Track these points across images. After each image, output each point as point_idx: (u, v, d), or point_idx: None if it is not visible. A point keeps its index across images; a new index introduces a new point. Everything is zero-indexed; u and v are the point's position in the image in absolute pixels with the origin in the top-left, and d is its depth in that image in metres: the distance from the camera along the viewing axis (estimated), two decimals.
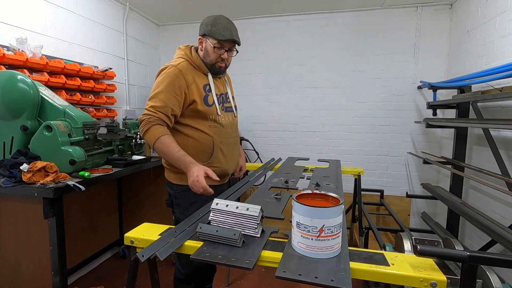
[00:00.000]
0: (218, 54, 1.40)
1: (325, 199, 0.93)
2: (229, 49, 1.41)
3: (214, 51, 1.39)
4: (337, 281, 0.69)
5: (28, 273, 1.67)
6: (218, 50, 1.39)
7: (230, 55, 1.45)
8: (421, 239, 1.30)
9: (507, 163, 1.99)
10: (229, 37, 1.35)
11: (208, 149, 1.45)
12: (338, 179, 1.79)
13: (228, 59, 1.46)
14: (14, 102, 1.64)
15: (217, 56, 1.41)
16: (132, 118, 2.93)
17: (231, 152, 1.55)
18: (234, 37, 1.37)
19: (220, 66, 1.45)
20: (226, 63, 1.47)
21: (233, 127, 1.57)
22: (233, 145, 1.56)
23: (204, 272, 1.55)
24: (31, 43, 2.09)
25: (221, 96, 1.53)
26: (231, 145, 1.55)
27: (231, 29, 1.37)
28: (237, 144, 1.62)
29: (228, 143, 1.52)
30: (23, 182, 1.52)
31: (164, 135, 1.31)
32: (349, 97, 3.31)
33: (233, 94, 1.67)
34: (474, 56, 2.51)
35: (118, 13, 3.08)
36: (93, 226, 2.46)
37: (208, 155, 1.46)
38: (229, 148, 1.53)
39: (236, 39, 1.39)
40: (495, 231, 1.68)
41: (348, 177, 2.58)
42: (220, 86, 1.54)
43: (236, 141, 1.60)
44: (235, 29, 1.40)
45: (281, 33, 3.43)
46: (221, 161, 1.49)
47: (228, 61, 1.47)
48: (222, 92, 1.55)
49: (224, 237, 0.89)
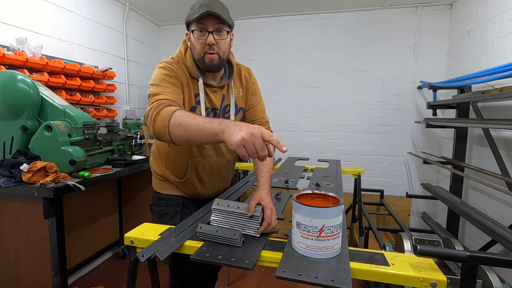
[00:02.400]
0: (202, 40, 1.08)
1: (325, 199, 0.93)
2: (214, 30, 1.07)
3: (196, 37, 1.08)
4: (337, 281, 0.69)
5: (28, 273, 1.67)
6: (200, 34, 1.07)
7: (218, 38, 1.08)
8: (421, 239, 1.30)
9: (507, 163, 1.99)
10: (204, 9, 1.02)
11: (183, 167, 1.25)
12: (338, 179, 1.79)
13: (219, 45, 1.09)
14: (14, 102, 1.64)
15: (202, 44, 1.08)
16: (132, 118, 2.93)
17: (211, 177, 1.30)
18: (212, 9, 1.02)
19: (211, 58, 1.09)
20: (218, 51, 1.09)
21: (221, 148, 1.27)
22: (215, 169, 1.29)
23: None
24: (31, 43, 2.09)
25: (214, 111, 1.21)
26: (212, 169, 1.28)
27: (209, 4, 1.04)
28: (222, 167, 1.33)
29: (207, 166, 1.26)
30: (23, 182, 1.52)
31: (177, 110, 0.95)
32: (349, 97, 3.31)
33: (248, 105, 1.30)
34: (474, 56, 2.51)
35: (118, 13, 3.08)
36: (93, 226, 2.46)
37: (182, 173, 1.26)
38: (208, 172, 1.28)
39: (216, 12, 1.03)
40: (495, 231, 1.68)
41: (348, 177, 2.58)
42: (215, 98, 1.21)
43: (221, 165, 1.31)
44: (217, 4, 1.07)
45: (281, 33, 3.43)
46: (195, 185, 1.28)
47: (220, 49, 1.09)
48: (217, 105, 1.21)
49: (224, 237, 0.88)
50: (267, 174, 1.16)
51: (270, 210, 0.99)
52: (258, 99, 1.34)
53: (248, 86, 1.30)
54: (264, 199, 1.02)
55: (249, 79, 1.31)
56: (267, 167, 1.18)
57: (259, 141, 0.75)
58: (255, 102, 1.32)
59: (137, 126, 2.72)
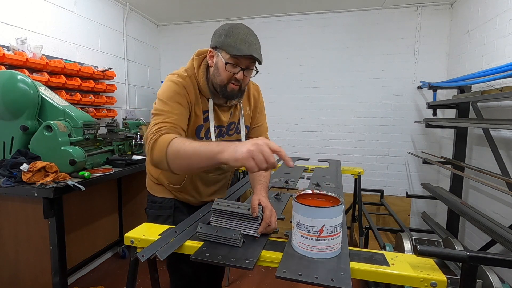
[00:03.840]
0: (231, 73, 1.06)
1: (325, 199, 0.93)
2: (246, 68, 1.07)
3: (226, 69, 1.05)
4: (337, 281, 0.69)
5: (28, 273, 1.67)
6: (232, 67, 1.05)
7: (247, 75, 1.09)
8: (421, 239, 1.30)
9: (507, 163, 1.99)
10: (246, 52, 1.00)
11: (180, 176, 1.23)
12: (338, 179, 1.79)
13: (244, 80, 1.10)
14: (14, 102, 1.64)
15: (230, 76, 1.06)
16: (132, 118, 2.93)
17: (207, 188, 1.31)
18: (253, 53, 1.01)
19: (233, 89, 1.09)
20: (242, 85, 1.10)
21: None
22: (212, 181, 1.30)
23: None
24: (31, 43, 2.09)
25: (221, 129, 1.22)
26: (210, 181, 1.29)
27: (250, 42, 1.03)
28: (220, 182, 1.34)
29: (204, 178, 1.27)
30: (23, 182, 1.52)
31: (174, 138, 0.94)
32: (349, 97, 3.31)
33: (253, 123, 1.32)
34: (474, 56, 2.51)
35: (118, 13, 3.08)
36: (93, 226, 2.46)
37: (179, 181, 1.25)
38: (205, 183, 1.29)
39: (256, 56, 1.02)
40: (495, 231, 1.68)
41: (348, 177, 2.58)
42: (223, 116, 1.20)
43: (219, 179, 1.33)
44: (256, 42, 1.06)
45: (281, 33, 3.43)
46: (190, 193, 1.28)
47: (244, 83, 1.10)
48: (224, 123, 1.21)
49: (224, 238, 0.89)
50: (264, 182, 1.16)
51: (269, 210, 0.98)
52: (263, 119, 1.35)
53: (256, 104, 1.30)
54: (263, 200, 1.02)
55: (257, 98, 1.31)
56: (264, 177, 1.18)
57: (267, 149, 0.76)
58: (260, 121, 1.33)
59: (137, 126, 2.72)
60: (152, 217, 1.31)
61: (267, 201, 1.04)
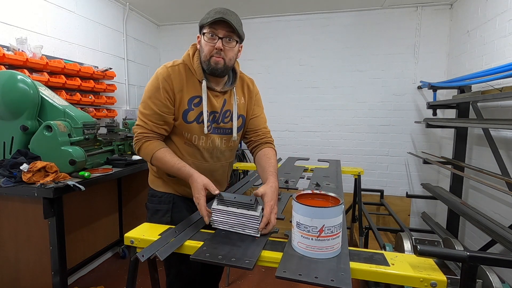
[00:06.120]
0: (211, 44, 1.12)
1: (325, 199, 0.93)
2: (224, 36, 1.11)
3: (206, 40, 1.13)
4: (337, 281, 0.69)
5: (28, 273, 1.67)
6: (211, 39, 1.12)
7: (227, 45, 1.13)
8: (421, 239, 1.30)
9: (507, 163, 1.99)
10: (218, 16, 1.07)
11: None
12: (338, 179, 1.79)
13: (227, 52, 1.13)
14: (14, 102, 1.64)
15: (211, 48, 1.12)
16: (132, 118, 2.93)
17: None
18: (226, 17, 1.07)
19: (217, 61, 1.13)
20: (224, 57, 1.13)
21: (216, 152, 1.28)
22: (208, 172, 1.26)
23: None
24: (31, 43, 2.09)
25: (213, 115, 1.24)
26: (206, 171, 1.23)
27: (225, 12, 1.10)
28: (216, 171, 1.33)
29: (200, 168, 1.23)
30: (23, 182, 1.52)
31: (156, 151, 1.15)
32: (349, 97, 3.31)
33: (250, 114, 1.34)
34: (474, 56, 2.51)
35: (118, 13, 3.08)
36: (93, 226, 2.46)
37: None
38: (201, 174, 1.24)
39: (229, 20, 1.07)
40: (495, 231, 1.68)
41: (348, 177, 2.58)
42: (216, 102, 1.23)
43: (215, 168, 1.31)
44: (232, 14, 1.12)
45: (281, 33, 3.43)
46: (188, 185, 1.21)
47: (226, 55, 1.14)
48: (217, 109, 1.24)
49: (241, 202, 0.97)
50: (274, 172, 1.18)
51: (270, 207, 0.98)
52: (260, 110, 1.38)
53: (250, 95, 1.34)
54: (267, 194, 1.02)
55: (252, 89, 1.35)
56: (273, 167, 1.22)
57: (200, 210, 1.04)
58: (258, 112, 1.36)
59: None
60: (151, 211, 1.34)
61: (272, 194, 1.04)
